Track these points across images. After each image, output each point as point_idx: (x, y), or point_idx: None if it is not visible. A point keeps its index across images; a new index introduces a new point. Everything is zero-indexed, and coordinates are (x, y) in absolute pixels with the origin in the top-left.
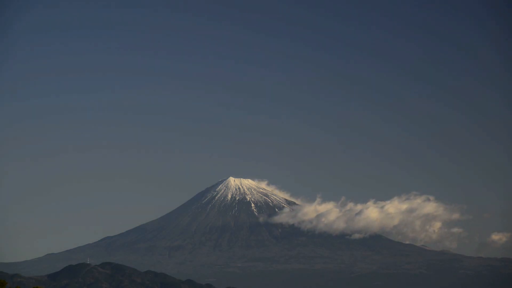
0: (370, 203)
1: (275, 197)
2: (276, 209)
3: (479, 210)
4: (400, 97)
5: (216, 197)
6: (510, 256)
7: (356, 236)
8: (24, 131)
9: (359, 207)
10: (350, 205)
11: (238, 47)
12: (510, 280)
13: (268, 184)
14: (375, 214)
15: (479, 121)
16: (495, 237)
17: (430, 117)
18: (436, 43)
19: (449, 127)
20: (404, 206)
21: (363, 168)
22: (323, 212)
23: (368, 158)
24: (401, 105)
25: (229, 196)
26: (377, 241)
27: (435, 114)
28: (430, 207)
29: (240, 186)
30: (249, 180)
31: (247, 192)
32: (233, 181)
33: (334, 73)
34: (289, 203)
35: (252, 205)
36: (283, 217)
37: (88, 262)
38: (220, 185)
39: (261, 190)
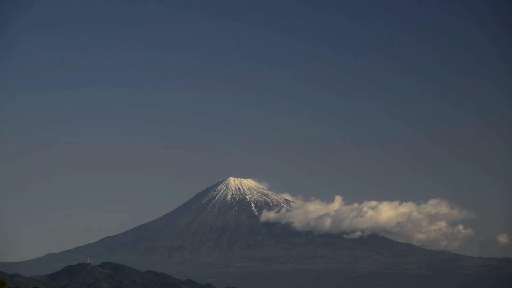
0: (370, 203)
1: (275, 197)
2: (276, 209)
3: (486, 211)
4: (409, 98)
5: (216, 197)
6: (511, 256)
7: (356, 236)
8: (25, 129)
9: (359, 207)
10: (350, 205)
11: (242, 45)
12: (510, 280)
13: (268, 184)
14: (375, 214)
15: (487, 122)
16: (503, 239)
17: (437, 117)
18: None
19: (458, 127)
20: (408, 205)
21: (363, 167)
22: (323, 212)
23: (369, 158)
24: (405, 104)
25: (229, 196)
26: (377, 241)
27: (441, 114)
28: (435, 207)
29: (240, 186)
30: (249, 180)
31: (247, 192)
32: (233, 181)
33: (339, 72)
34: (289, 203)
35: (252, 205)
36: (283, 217)
37: (88, 262)
38: (220, 185)
39: (261, 190)
